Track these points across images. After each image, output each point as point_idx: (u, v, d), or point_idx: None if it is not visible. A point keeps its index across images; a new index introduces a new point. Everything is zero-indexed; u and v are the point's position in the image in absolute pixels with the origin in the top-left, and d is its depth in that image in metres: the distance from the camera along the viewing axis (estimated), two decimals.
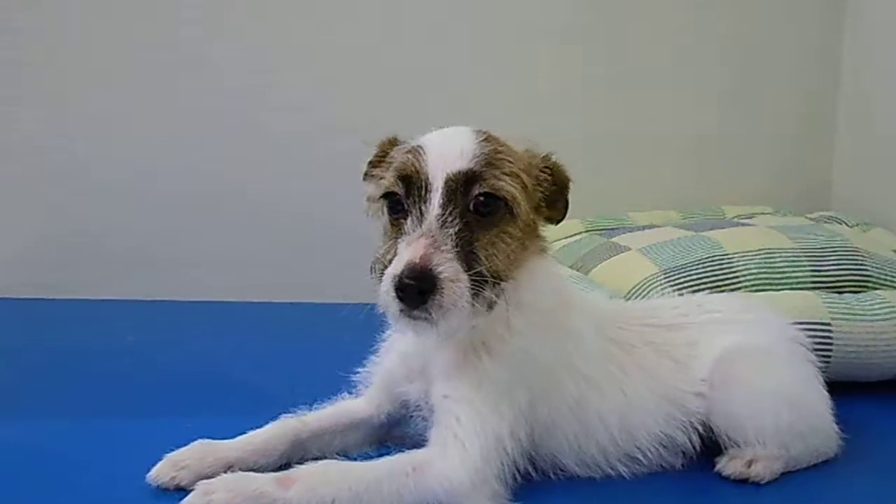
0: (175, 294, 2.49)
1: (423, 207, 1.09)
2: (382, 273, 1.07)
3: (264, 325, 2.29)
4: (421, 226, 1.07)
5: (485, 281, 1.07)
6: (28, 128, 2.46)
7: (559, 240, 2.40)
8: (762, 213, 2.55)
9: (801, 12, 2.86)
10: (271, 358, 1.93)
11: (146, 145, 2.50)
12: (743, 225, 2.12)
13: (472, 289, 1.05)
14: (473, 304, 1.06)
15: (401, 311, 1.03)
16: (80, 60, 2.46)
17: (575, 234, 2.44)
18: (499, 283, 1.11)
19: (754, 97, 2.87)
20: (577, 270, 2.13)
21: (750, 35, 2.84)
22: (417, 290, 1.01)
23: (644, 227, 2.33)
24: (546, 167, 1.20)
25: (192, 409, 1.51)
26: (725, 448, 1.29)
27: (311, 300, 2.50)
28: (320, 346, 2.00)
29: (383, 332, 1.34)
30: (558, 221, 1.25)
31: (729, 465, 1.27)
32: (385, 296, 1.04)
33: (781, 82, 2.88)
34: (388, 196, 1.14)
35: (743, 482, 1.26)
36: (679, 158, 2.84)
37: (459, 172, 1.09)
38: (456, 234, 1.07)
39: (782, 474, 1.29)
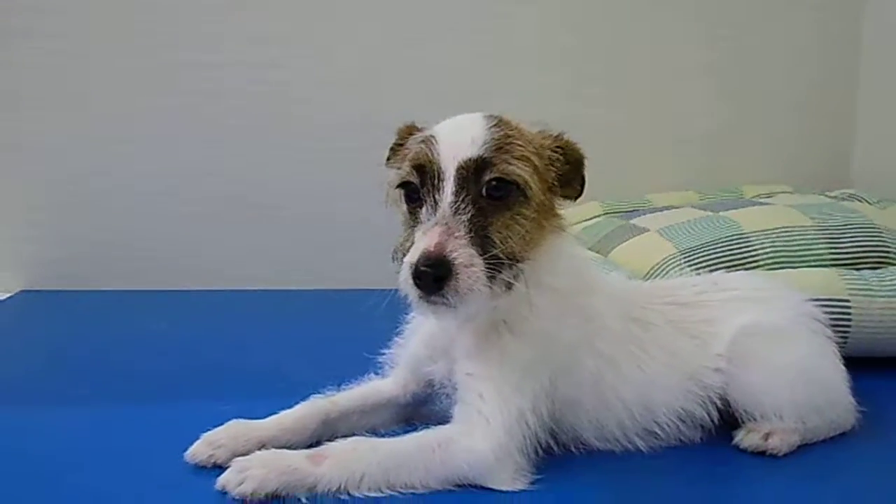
0: (204, 284, 2.56)
1: (436, 196, 1.12)
2: (403, 260, 1.11)
3: (292, 313, 2.35)
4: (435, 214, 1.11)
5: (501, 263, 1.11)
6: (59, 131, 2.52)
7: (578, 223, 2.43)
8: (781, 193, 2.55)
9: None
10: (300, 344, 1.98)
11: (172, 146, 2.56)
12: (761, 204, 2.13)
13: (489, 271, 1.09)
14: (491, 287, 1.09)
15: (420, 297, 1.08)
16: (107, 65, 2.52)
17: (594, 217, 2.47)
18: (515, 265, 1.14)
19: (773, 77, 2.86)
20: (597, 252, 2.15)
21: (769, 15, 2.83)
22: (434, 277, 1.05)
23: (662, 209, 2.34)
24: (558, 146, 1.23)
25: (225, 393, 1.56)
26: (743, 422, 1.32)
27: (338, 287, 2.57)
28: (347, 331, 2.04)
29: (407, 315, 1.38)
30: (576, 198, 1.27)
31: (746, 439, 1.30)
32: (404, 283, 1.08)
33: (801, 62, 2.87)
34: (405, 185, 1.18)
35: (760, 455, 1.28)
36: (698, 139, 2.84)
37: (470, 160, 1.12)
38: (469, 220, 1.10)
39: (799, 447, 1.31)
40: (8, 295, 2.47)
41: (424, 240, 1.08)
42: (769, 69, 2.86)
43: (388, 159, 1.30)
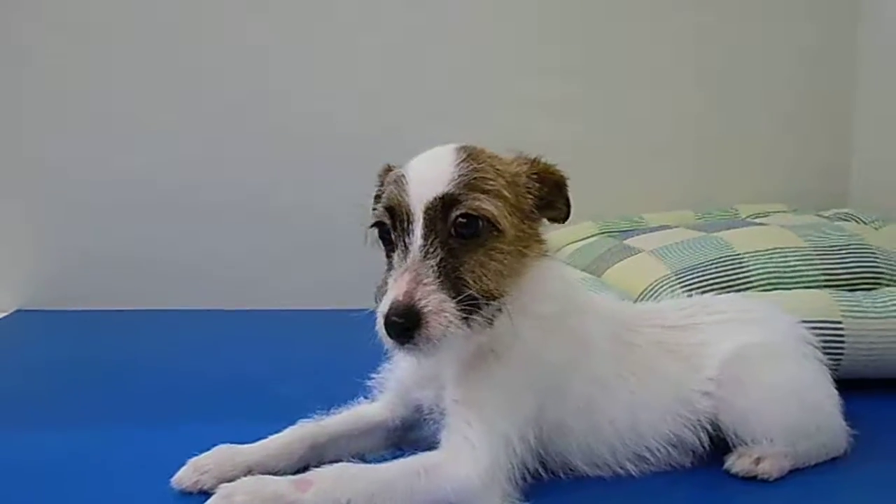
0: (191, 303, 2.56)
1: (406, 239, 1.12)
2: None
3: (285, 333, 2.35)
4: (406, 259, 1.10)
5: (476, 302, 1.10)
6: (55, 150, 2.55)
7: (572, 242, 2.43)
8: (776, 212, 2.55)
9: (817, 6, 2.85)
10: (292, 364, 1.98)
11: (170, 167, 2.58)
12: (755, 225, 2.13)
13: (464, 313, 1.08)
14: (468, 327, 1.09)
15: (393, 345, 1.08)
16: (106, 84, 2.55)
17: (588, 237, 2.47)
18: (493, 302, 1.13)
19: (770, 95, 2.87)
20: (591, 273, 2.15)
21: (765, 31, 2.84)
22: (403, 328, 1.05)
23: (657, 228, 2.34)
24: (534, 172, 1.22)
25: (213, 415, 1.56)
26: (734, 446, 1.31)
27: (330, 307, 2.54)
28: (339, 352, 2.04)
29: None
30: (563, 220, 1.26)
31: (737, 463, 1.29)
32: (378, 331, 1.08)
33: (797, 79, 2.88)
34: (378, 226, 1.18)
35: (751, 480, 1.27)
36: (694, 158, 2.85)
37: (436, 199, 1.11)
38: (438, 263, 1.09)
39: (791, 471, 1.30)
40: (4, 314, 2.47)
41: (394, 288, 1.07)
42: (764, 84, 2.86)
43: (373, 209, 1.27)
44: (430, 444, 1.24)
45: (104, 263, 2.58)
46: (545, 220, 1.25)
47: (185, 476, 1.20)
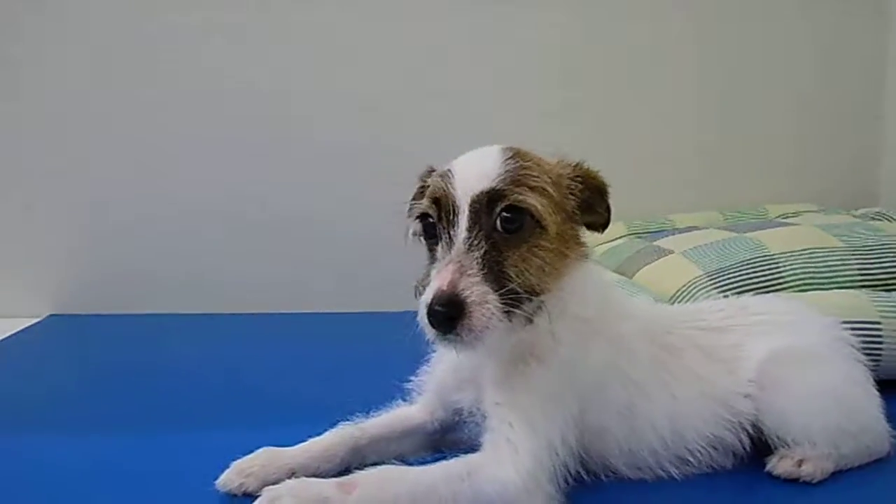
0: (232, 308, 2.59)
1: (451, 231, 1.13)
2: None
3: (319, 336, 2.36)
4: (450, 251, 1.11)
5: (519, 297, 1.10)
6: (85, 157, 2.58)
7: (602, 244, 2.42)
8: (807, 212, 2.53)
9: (846, 4, 2.83)
10: (327, 368, 1.99)
11: (199, 172, 2.61)
12: (787, 225, 2.12)
13: (505, 307, 1.08)
14: (509, 321, 1.09)
15: (436, 335, 1.08)
16: (136, 93, 2.58)
17: (617, 238, 2.47)
18: (535, 298, 1.14)
19: (797, 92, 2.85)
20: (622, 274, 2.15)
21: (795, 31, 2.83)
22: (446, 317, 1.05)
23: (686, 230, 2.33)
24: (577, 175, 1.22)
25: (255, 419, 1.57)
26: (775, 448, 1.30)
27: (364, 310, 2.58)
28: (374, 355, 2.06)
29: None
30: (603, 227, 1.27)
31: (779, 465, 1.28)
32: (421, 321, 1.09)
33: (825, 76, 2.86)
34: (423, 218, 1.18)
35: (794, 482, 1.27)
36: (722, 158, 2.84)
37: (482, 193, 1.12)
38: (483, 255, 1.09)
39: (834, 473, 1.29)
40: (37, 319, 2.50)
41: (437, 279, 1.08)
42: (791, 81, 2.85)
43: (410, 210, 1.28)
44: (470, 447, 1.24)
45: (135, 270, 2.61)
46: (584, 226, 1.26)
47: (230, 479, 1.21)
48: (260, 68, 2.60)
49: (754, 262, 1.86)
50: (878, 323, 1.69)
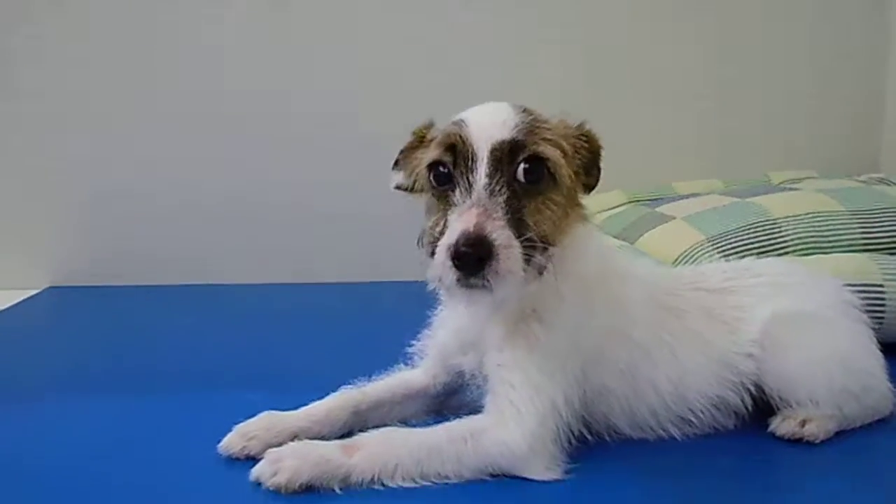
0: (230, 279, 2.58)
1: (470, 178, 1.11)
2: (432, 246, 1.10)
3: (318, 307, 2.35)
4: (470, 196, 1.09)
5: (534, 247, 1.09)
6: (83, 131, 2.55)
7: (602, 211, 2.41)
8: (808, 178, 2.52)
9: None
10: (326, 337, 1.99)
11: (196, 143, 2.58)
12: (789, 190, 2.10)
13: (524, 255, 1.07)
14: (526, 270, 1.08)
15: (457, 280, 1.05)
16: (128, 71, 2.55)
17: (618, 206, 2.45)
18: (548, 249, 1.13)
19: (799, 59, 2.82)
20: (623, 241, 2.13)
21: None
22: (475, 258, 1.03)
23: (688, 196, 2.32)
24: (581, 135, 1.22)
25: (255, 386, 1.56)
26: (778, 409, 1.30)
27: (362, 280, 2.58)
28: (373, 323, 2.05)
29: (434, 307, 1.38)
30: (591, 189, 1.25)
31: (782, 426, 1.28)
32: (441, 266, 1.06)
33: (826, 42, 2.83)
34: (435, 166, 1.16)
35: (796, 442, 1.27)
36: (720, 125, 2.81)
37: (503, 141, 1.11)
38: (505, 202, 1.09)
39: (836, 433, 1.29)
40: (36, 291, 2.49)
41: (462, 220, 1.06)
42: (792, 48, 2.82)
43: (397, 163, 1.29)
44: (473, 410, 1.24)
45: (134, 241, 2.60)
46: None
47: (232, 442, 1.20)
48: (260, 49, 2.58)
49: (756, 227, 1.85)
50: (882, 286, 1.68)
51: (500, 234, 1.05)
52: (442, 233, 1.09)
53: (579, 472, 1.15)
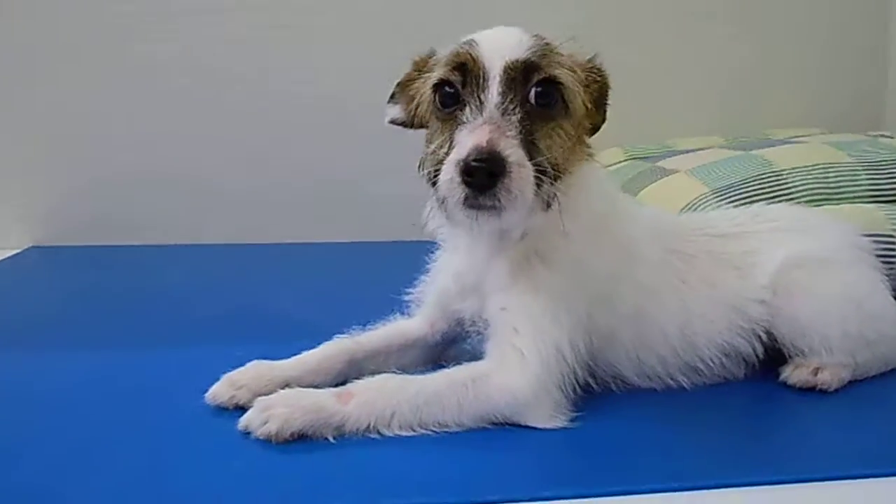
0: (216, 238, 2.51)
1: (481, 96, 1.05)
2: (435, 168, 1.05)
3: (309, 265, 2.30)
4: (482, 114, 1.03)
5: (545, 173, 1.04)
6: (65, 89, 2.47)
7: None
8: (812, 135, 2.46)
9: None
10: (318, 292, 1.93)
11: (181, 102, 2.51)
12: (794, 143, 2.04)
13: (535, 180, 1.02)
14: (535, 198, 1.03)
15: (466, 197, 0.99)
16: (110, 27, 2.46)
17: (616, 163, 2.39)
18: (558, 178, 1.08)
19: (801, 16, 2.76)
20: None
21: None
22: (487, 173, 0.97)
23: (689, 151, 2.26)
24: (593, 68, 1.17)
25: (244, 338, 1.50)
26: (790, 357, 1.26)
27: (353, 240, 2.52)
28: (365, 281, 1.99)
29: (432, 254, 1.32)
30: (597, 130, 1.21)
31: (794, 374, 1.23)
32: (448, 183, 1.00)
33: (830, 4, 2.76)
34: (441, 86, 1.10)
35: (809, 391, 1.22)
36: (723, 83, 2.75)
37: (518, 61, 1.06)
38: (518, 122, 1.03)
39: (849, 383, 1.25)
40: (18, 250, 2.42)
41: (474, 136, 1.00)
42: (794, 4, 2.75)
43: (394, 95, 1.23)
44: (473, 359, 1.18)
45: (118, 200, 2.52)
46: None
47: (220, 391, 1.14)
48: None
49: (762, 178, 1.79)
50: (892, 236, 1.63)
51: (514, 151, 1.00)
52: (448, 153, 1.03)
53: (584, 420, 1.10)
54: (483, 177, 0.97)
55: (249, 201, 2.56)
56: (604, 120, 1.20)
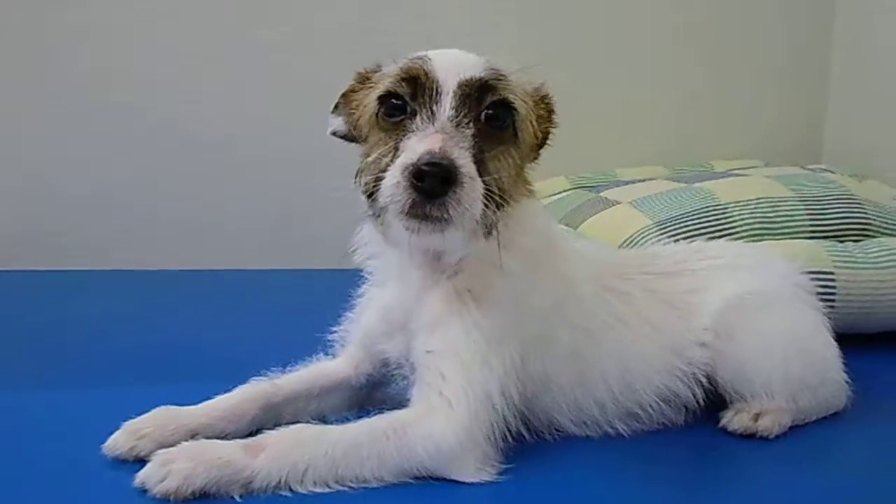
0: (143, 265, 2.39)
1: (433, 108, 1.00)
2: (375, 177, 0.99)
3: (238, 294, 2.18)
4: (433, 124, 0.98)
5: (491, 196, 0.98)
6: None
7: (545, 197, 2.30)
8: (753, 168, 2.46)
9: None
10: (244, 325, 1.83)
11: (108, 118, 2.41)
12: (736, 175, 2.03)
13: (483, 201, 0.97)
14: (481, 217, 0.98)
15: (412, 204, 0.93)
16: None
17: (560, 192, 2.35)
18: (501, 206, 1.02)
19: (743, 50, 2.79)
20: (566, 226, 2.03)
21: None
22: (440, 179, 0.92)
23: (632, 182, 2.23)
24: (542, 98, 1.14)
25: (160, 377, 1.40)
26: (730, 402, 1.21)
27: (287, 267, 2.42)
28: (295, 312, 1.89)
29: (358, 289, 1.25)
30: (535, 158, 1.16)
31: (735, 420, 1.19)
32: (394, 188, 0.93)
33: (772, 34, 2.80)
34: (388, 98, 1.04)
35: (749, 437, 1.18)
36: (665, 114, 2.76)
37: (473, 79, 1.02)
38: (472, 136, 0.99)
39: (790, 428, 1.21)
40: None
41: (425, 142, 0.95)
42: (737, 39, 2.78)
43: (337, 106, 1.17)
44: (399, 403, 1.11)
45: (40, 223, 2.40)
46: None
47: (120, 441, 1.04)
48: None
49: (704, 212, 1.78)
50: (832, 273, 1.62)
51: (467, 163, 0.94)
52: (392, 161, 0.97)
53: (515, 473, 1.02)
54: (435, 182, 0.92)
55: (183, 226, 2.46)
56: (543, 145, 1.16)
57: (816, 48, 2.82)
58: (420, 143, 0.95)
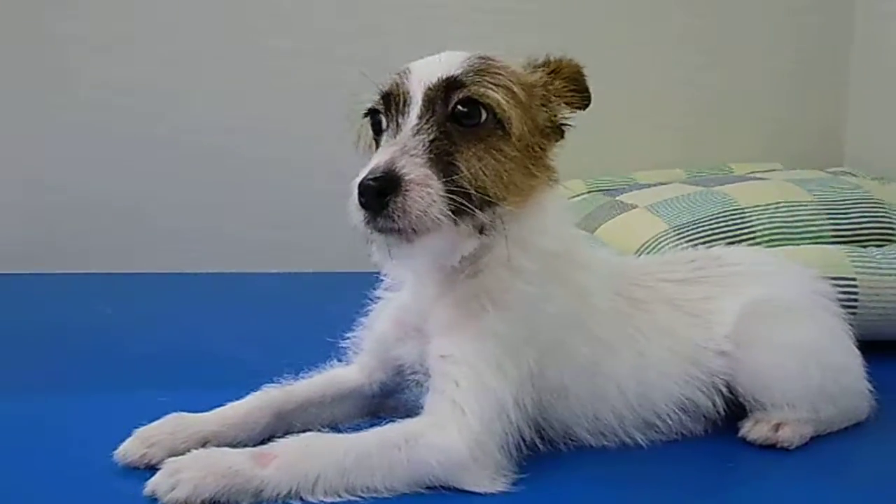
0: (155, 267, 2.39)
1: (400, 120, 1.01)
2: None
3: (249, 297, 2.17)
4: (395, 138, 1.00)
5: (469, 197, 0.98)
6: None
7: None
8: (773, 171, 2.43)
9: None
10: (257, 329, 1.81)
11: (120, 117, 2.41)
12: (756, 180, 2.00)
13: (453, 202, 0.96)
14: (455, 221, 0.97)
15: (365, 220, 0.95)
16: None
17: (577, 195, 2.33)
18: (490, 205, 1.01)
19: (762, 52, 2.74)
20: (582, 230, 2.01)
21: None
22: (376, 192, 0.93)
23: (650, 185, 2.20)
24: (552, 70, 1.12)
25: (170, 384, 1.38)
26: (750, 411, 1.19)
27: (299, 270, 2.41)
28: (309, 316, 1.88)
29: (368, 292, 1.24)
30: (550, 143, 1.12)
31: (754, 430, 1.16)
32: (351, 208, 0.96)
33: (793, 37, 2.76)
34: (370, 115, 1.07)
35: (769, 448, 1.15)
36: (686, 117, 2.72)
37: (439, 80, 1.01)
38: (431, 141, 0.98)
39: (812, 439, 1.18)
40: None
41: (375, 158, 0.96)
42: (757, 39, 2.74)
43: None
44: (412, 411, 1.10)
45: (51, 225, 2.41)
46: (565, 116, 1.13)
47: (131, 449, 1.03)
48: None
49: (723, 216, 1.75)
50: (854, 280, 1.58)
51: (413, 169, 0.95)
52: None
53: (529, 483, 1.01)
54: (371, 196, 0.93)
55: (187, 229, 2.46)
56: (589, 100, 1.16)
57: (837, 49, 2.77)
58: (373, 160, 0.97)
